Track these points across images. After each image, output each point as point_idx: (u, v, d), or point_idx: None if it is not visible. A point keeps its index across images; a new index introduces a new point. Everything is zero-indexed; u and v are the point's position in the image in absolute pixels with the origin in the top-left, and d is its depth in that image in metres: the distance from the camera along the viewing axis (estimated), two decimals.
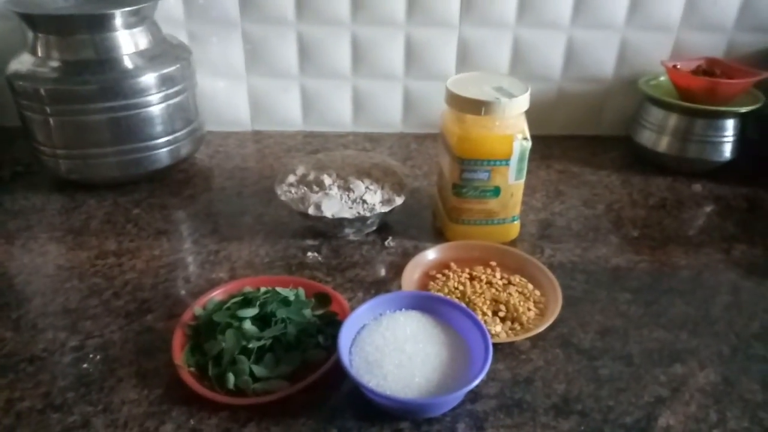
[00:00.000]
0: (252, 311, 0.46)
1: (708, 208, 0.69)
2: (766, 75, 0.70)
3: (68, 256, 0.58)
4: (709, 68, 0.75)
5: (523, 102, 0.55)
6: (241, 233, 0.62)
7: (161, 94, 0.66)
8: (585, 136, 0.85)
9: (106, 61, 0.64)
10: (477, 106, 0.54)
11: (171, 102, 0.68)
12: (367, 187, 0.60)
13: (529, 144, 0.56)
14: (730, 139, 0.72)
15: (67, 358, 0.46)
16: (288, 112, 0.85)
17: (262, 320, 0.46)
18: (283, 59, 0.81)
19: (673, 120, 0.73)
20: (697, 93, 0.71)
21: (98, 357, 0.46)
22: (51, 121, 0.64)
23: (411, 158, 0.79)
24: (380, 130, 0.86)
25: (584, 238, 0.62)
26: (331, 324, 0.48)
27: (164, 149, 0.69)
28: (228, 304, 0.48)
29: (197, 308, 0.49)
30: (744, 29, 0.78)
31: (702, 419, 0.41)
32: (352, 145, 0.83)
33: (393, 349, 0.42)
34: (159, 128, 0.68)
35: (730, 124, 0.71)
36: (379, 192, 0.60)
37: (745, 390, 0.44)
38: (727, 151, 0.72)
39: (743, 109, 0.70)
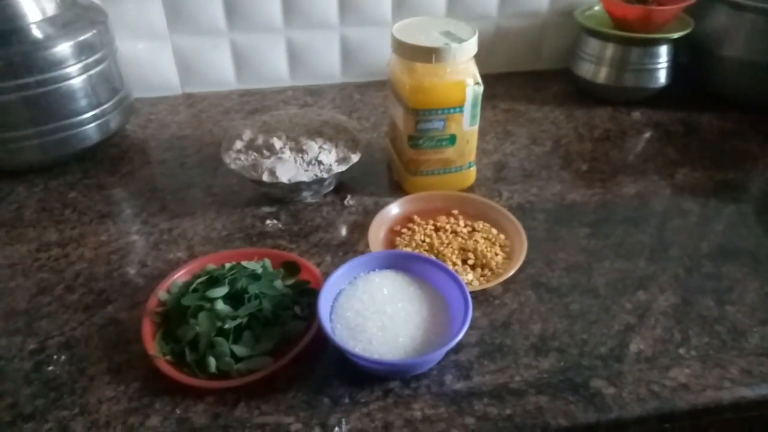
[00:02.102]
0: (222, 290, 0.44)
1: (649, 135, 0.71)
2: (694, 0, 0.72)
3: (6, 252, 0.54)
4: None
5: (472, 46, 0.54)
6: (192, 207, 0.59)
7: (80, 65, 0.60)
8: (526, 72, 0.85)
9: (10, 32, 0.57)
10: (427, 54, 0.53)
11: (92, 72, 0.62)
12: (320, 147, 0.58)
13: (481, 88, 0.55)
14: (664, 65, 0.74)
15: (28, 363, 0.43)
16: (220, 71, 0.80)
17: (234, 298, 0.45)
18: (208, 14, 0.75)
19: (609, 50, 0.74)
20: (632, 21, 0.72)
21: (63, 357, 0.44)
22: None
23: (356, 110, 0.77)
24: (320, 82, 0.83)
25: (538, 177, 0.63)
26: (305, 293, 0.47)
27: (92, 124, 0.63)
28: (194, 285, 0.46)
29: (162, 293, 0.47)
30: None
31: (668, 340, 0.44)
32: (293, 101, 0.80)
33: (373, 312, 0.42)
34: (83, 102, 0.62)
35: (663, 51, 0.73)
36: (333, 151, 0.58)
37: (702, 308, 0.47)
38: (662, 77, 0.75)
39: (675, 35, 0.72)
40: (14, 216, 0.58)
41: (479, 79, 0.55)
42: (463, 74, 0.55)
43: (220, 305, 0.44)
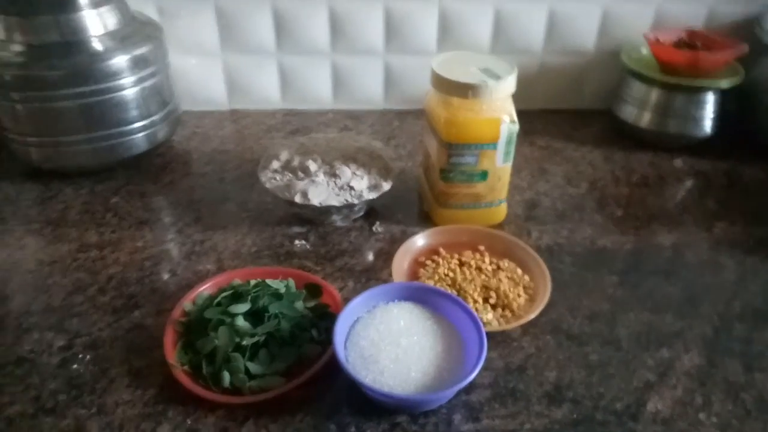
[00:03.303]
0: (244, 306, 0.46)
1: (689, 184, 0.70)
2: (745, 48, 0.70)
3: (48, 250, 0.56)
4: (690, 40, 0.75)
5: (510, 84, 0.55)
6: (225, 221, 0.61)
7: (134, 77, 0.64)
8: (567, 110, 0.85)
9: (73, 43, 0.60)
10: (464, 90, 0.53)
11: (145, 84, 0.65)
12: (353, 173, 0.59)
13: (516, 127, 0.55)
14: (711, 114, 0.72)
15: (55, 359, 0.45)
16: (266, 90, 0.83)
17: (255, 315, 0.46)
18: (258, 34, 0.78)
19: (654, 95, 0.73)
20: (679, 66, 0.71)
21: (88, 357, 0.46)
22: (18, 108, 0.61)
23: (394, 137, 0.78)
24: (361, 107, 0.84)
25: (570, 219, 0.62)
26: (324, 317, 0.48)
27: (140, 134, 0.67)
28: (218, 299, 0.47)
29: (187, 303, 0.49)
30: None
31: (688, 403, 0.43)
32: (333, 123, 0.81)
33: (388, 343, 0.43)
34: (134, 112, 0.65)
35: (710, 99, 0.72)
36: (365, 177, 0.59)
37: (728, 372, 0.45)
38: (708, 126, 0.73)
39: (724, 85, 0.70)
40: (60, 216, 0.61)
41: (515, 118, 0.55)
42: (499, 111, 0.55)
43: (241, 321, 0.45)
